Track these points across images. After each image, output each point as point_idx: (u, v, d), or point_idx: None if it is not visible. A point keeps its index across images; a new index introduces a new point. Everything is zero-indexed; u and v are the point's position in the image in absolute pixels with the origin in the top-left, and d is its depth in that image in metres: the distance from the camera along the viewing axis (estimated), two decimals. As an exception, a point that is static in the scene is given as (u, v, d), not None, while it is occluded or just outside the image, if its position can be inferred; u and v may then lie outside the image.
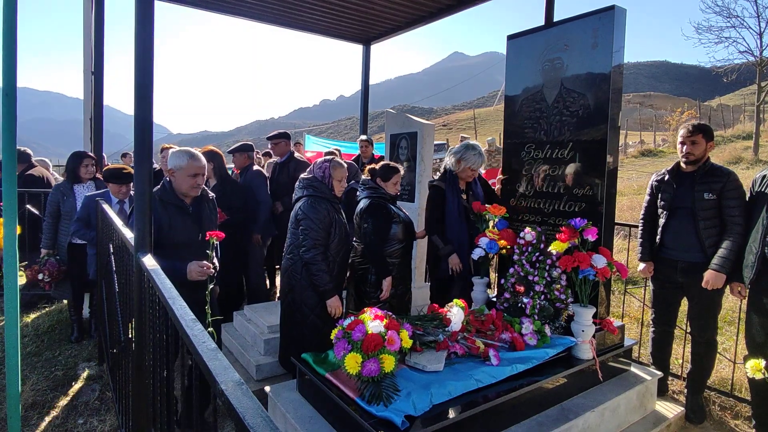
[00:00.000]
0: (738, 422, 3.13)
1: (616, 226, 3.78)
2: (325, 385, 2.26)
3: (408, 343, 2.18)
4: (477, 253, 3.16)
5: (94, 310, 4.32)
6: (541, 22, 3.99)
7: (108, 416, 3.10)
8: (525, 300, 2.88)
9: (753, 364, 2.30)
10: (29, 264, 4.25)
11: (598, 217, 2.80)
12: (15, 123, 1.93)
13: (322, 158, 3.26)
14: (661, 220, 3.21)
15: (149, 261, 1.88)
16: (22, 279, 3.99)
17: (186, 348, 1.27)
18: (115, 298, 2.82)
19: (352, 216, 3.54)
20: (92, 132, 5.35)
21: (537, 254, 2.90)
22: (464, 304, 2.61)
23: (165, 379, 1.66)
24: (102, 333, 3.72)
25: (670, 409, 3.04)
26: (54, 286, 4.13)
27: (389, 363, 2.04)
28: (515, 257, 3.01)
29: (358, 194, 3.49)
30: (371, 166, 3.53)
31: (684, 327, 3.51)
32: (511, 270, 3.04)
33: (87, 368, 3.74)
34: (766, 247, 2.69)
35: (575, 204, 2.92)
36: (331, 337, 2.21)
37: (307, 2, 5.21)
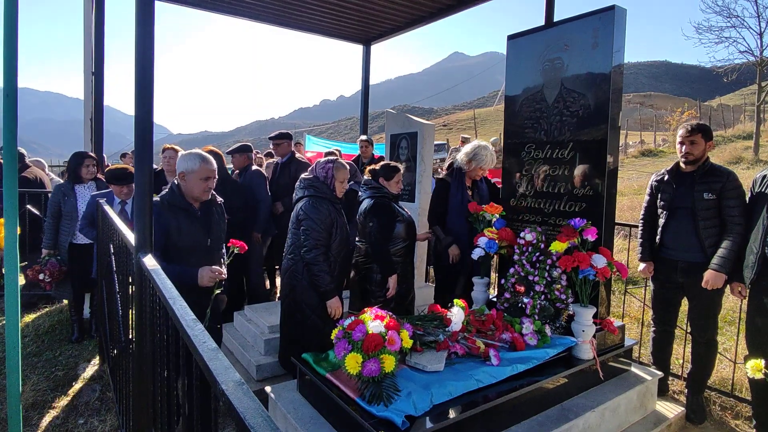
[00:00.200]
0: (738, 422, 3.13)
1: (616, 226, 3.78)
2: (326, 385, 2.26)
3: (408, 343, 2.18)
4: (477, 253, 3.17)
5: (95, 311, 4.32)
6: (541, 22, 3.99)
7: (108, 416, 3.11)
8: (525, 300, 2.88)
9: (753, 364, 2.30)
10: (30, 264, 4.26)
11: (599, 217, 2.80)
12: (16, 123, 1.94)
13: (325, 159, 3.25)
14: (661, 220, 3.21)
15: (150, 261, 1.88)
16: (21, 279, 3.99)
17: (186, 348, 1.27)
18: (116, 299, 2.82)
19: (350, 216, 3.54)
20: (93, 132, 5.35)
21: (537, 254, 2.90)
22: (464, 304, 2.62)
23: (165, 379, 1.66)
24: (102, 333, 3.72)
25: (670, 409, 3.04)
26: (55, 286, 4.13)
27: (390, 363, 2.04)
28: (515, 257, 3.02)
29: (360, 194, 3.50)
30: (371, 167, 3.54)
31: (684, 327, 3.51)
32: (512, 270, 3.04)
33: (87, 368, 3.75)
34: (767, 247, 2.69)
35: (575, 204, 2.92)
36: (332, 338, 2.21)
37: (307, 2, 5.21)
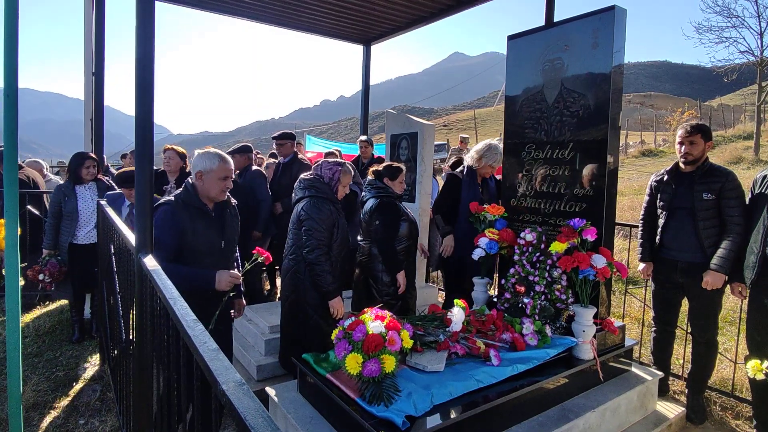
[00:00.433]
0: (739, 422, 3.13)
1: (616, 226, 3.78)
2: (326, 385, 2.26)
3: (409, 343, 2.18)
4: (477, 253, 3.17)
5: (96, 311, 4.32)
6: (542, 23, 3.99)
7: (109, 417, 3.11)
8: (526, 300, 2.88)
9: (754, 364, 2.30)
10: (30, 265, 4.26)
11: (599, 217, 2.80)
12: (17, 124, 1.94)
13: (332, 161, 3.25)
14: (661, 221, 3.21)
15: (150, 262, 1.88)
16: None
17: (187, 348, 1.27)
18: (117, 299, 2.82)
19: (349, 217, 3.55)
20: (93, 132, 5.35)
21: (537, 254, 2.90)
22: (465, 304, 2.62)
23: (166, 379, 1.66)
24: (103, 333, 3.72)
25: (671, 410, 3.04)
26: (55, 286, 4.13)
27: (390, 363, 2.04)
28: (516, 257, 3.02)
29: (363, 195, 3.52)
30: (375, 167, 3.56)
31: (685, 327, 3.51)
32: (512, 270, 3.04)
33: (88, 369, 3.75)
34: (767, 247, 2.69)
35: (576, 204, 2.92)
36: (332, 338, 2.21)
37: (307, 2, 5.21)
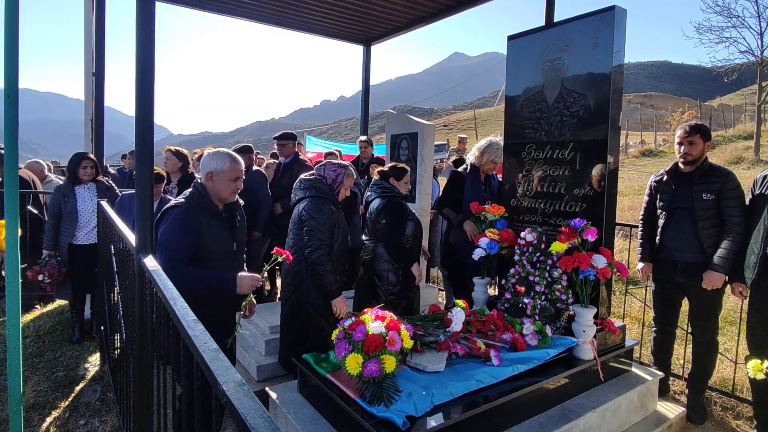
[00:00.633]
0: (739, 422, 3.13)
1: (617, 226, 3.78)
2: (326, 385, 2.26)
3: (409, 343, 2.18)
4: (478, 254, 3.17)
5: (96, 311, 4.32)
6: (542, 23, 3.99)
7: (109, 417, 3.11)
8: (526, 300, 2.88)
9: (754, 364, 2.30)
10: (29, 265, 4.25)
11: (599, 217, 2.80)
12: (17, 124, 1.94)
13: (336, 162, 3.26)
14: (661, 221, 3.21)
15: (150, 262, 1.88)
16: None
17: (187, 348, 1.27)
18: (117, 299, 2.82)
19: (349, 218, 3.55)
20: (93, 133, 5.35)
21: (538, 254, 2.90)
22: (465, 304, 2.62)
23: (166, 380, 1.66)
24: (103, 334, 3.72)
25: (671, 410, 3.04)
26: (55, 287, 4.13)
27: (390, 363, 2.04)
28: (516, 257, 3.02)
29: (368, 195, 3.52)
30: (380, 168, 3.57)
31: (685, 327, 3.51)
32: (512, 270, 3.04)
33: (88, 369, 3.75)
34: None
35: (576, 204, 2.92)
36: (332, 338, 2.21)
37: (308, 2, 5.21)
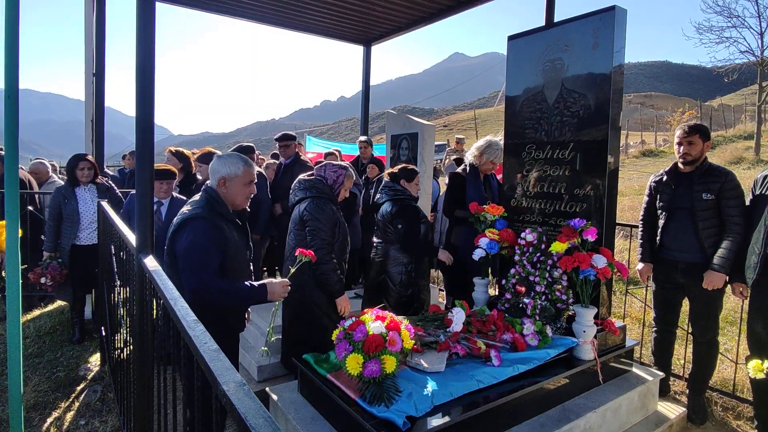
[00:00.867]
0: (740, 423, 3.13)
1: (617, 227, 3.78)
2: (327, 385, 2.26)
3: (409, 343, 2.18)
4: (478, 254, 3.17)
5: (96, 312, 4.32)
6: (542, 23, 3.99)
7: (109, 417, 3.11)
8: (526, 300, 2.88)
9: (755, 364, 2.30)
10: (30, 267, 4.25)
11: (599, 217, 2.80)
12: (17, 125, 1.94)
13: (337, 163, 3.27)
14: (661, 221, 3.20)
15: (151, 262, 1.88)
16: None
17: (188, 349, 1.27)
18: (117, 299, 2.82)
19: (347, 218, 3.55)
20: (94, 133, 5.35)
21: (538, 255, 2.90)
22: (465, 304, 2.62)
23: (167, 380, 1.66)
24: (104, 334, 3.72)
25: (671, 410, 3.04)
26: (57, 288, 4.13)
27: (390, 364, 2.04)
28: (516, 258, 3.02)
29: (378, 197, 3.52)
30: (390, 169, 3.57)
31: (686, 327, 3.50)
32: (512, 270, 3.04)
33: (89, 369, 3.75)
34: (768, 247, 2.69)
35: (576, 204, 2.92)
36: (332, 338, 2.21)
37: (308, 3, 5.21)
